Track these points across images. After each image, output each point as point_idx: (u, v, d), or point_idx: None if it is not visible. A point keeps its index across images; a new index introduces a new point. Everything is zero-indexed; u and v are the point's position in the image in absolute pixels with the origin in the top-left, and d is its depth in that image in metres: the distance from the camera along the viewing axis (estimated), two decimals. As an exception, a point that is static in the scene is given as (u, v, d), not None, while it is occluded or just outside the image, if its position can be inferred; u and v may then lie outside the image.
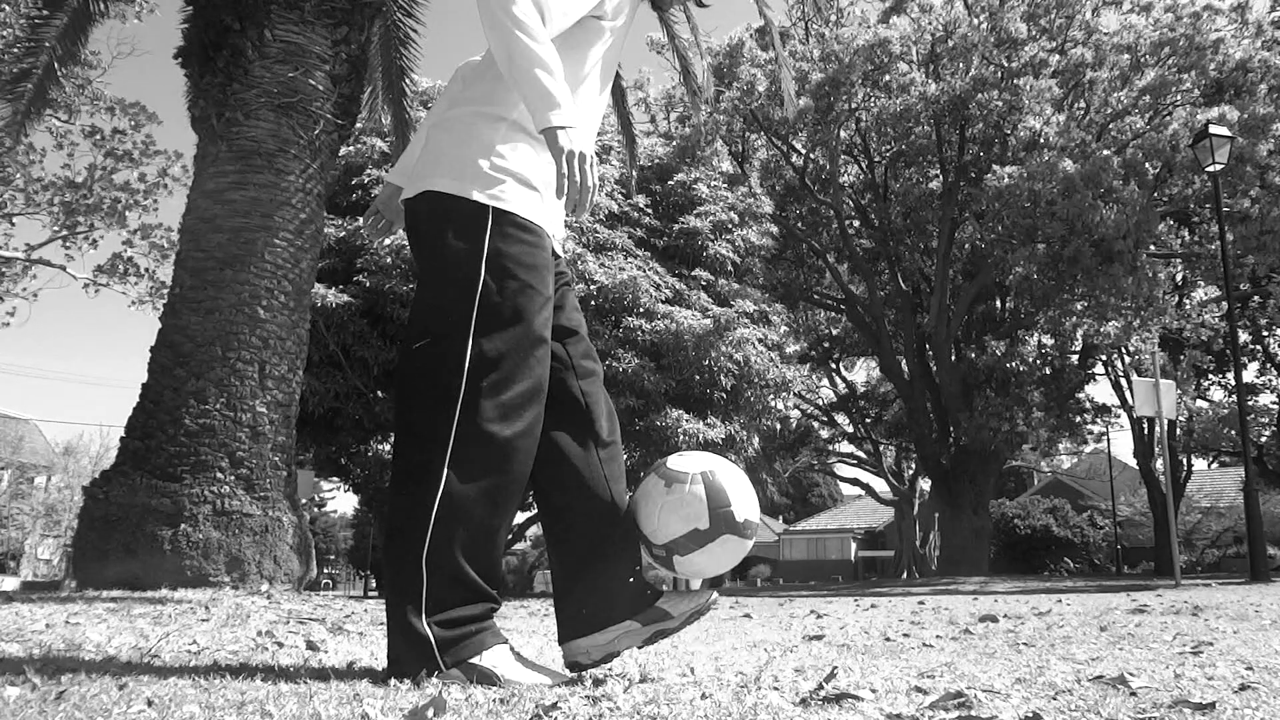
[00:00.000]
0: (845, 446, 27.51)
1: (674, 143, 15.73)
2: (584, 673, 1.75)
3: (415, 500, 1.53)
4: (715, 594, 1.71)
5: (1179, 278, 17.99)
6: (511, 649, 1.64)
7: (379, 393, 12.44)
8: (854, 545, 44.60)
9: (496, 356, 1.56)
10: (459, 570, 1.54)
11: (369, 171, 12.47)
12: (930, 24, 17.48)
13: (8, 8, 12.25)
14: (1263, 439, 21.92)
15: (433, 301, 1.61)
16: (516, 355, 1.58)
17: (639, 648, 1.73)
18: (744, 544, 1.68)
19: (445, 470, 1.52)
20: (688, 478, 1.66)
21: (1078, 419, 20.68)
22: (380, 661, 1.97)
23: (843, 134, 17.93)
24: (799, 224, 19.65)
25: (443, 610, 1.54)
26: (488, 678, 1.54)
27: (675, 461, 1.70)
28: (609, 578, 1.69)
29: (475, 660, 1.56)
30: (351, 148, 13.03)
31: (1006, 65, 16.19)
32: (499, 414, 1.55)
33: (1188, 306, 18.40)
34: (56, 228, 17.66)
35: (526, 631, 3.16)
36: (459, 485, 1.53)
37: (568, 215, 1.57)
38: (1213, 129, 10.66)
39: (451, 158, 1.66)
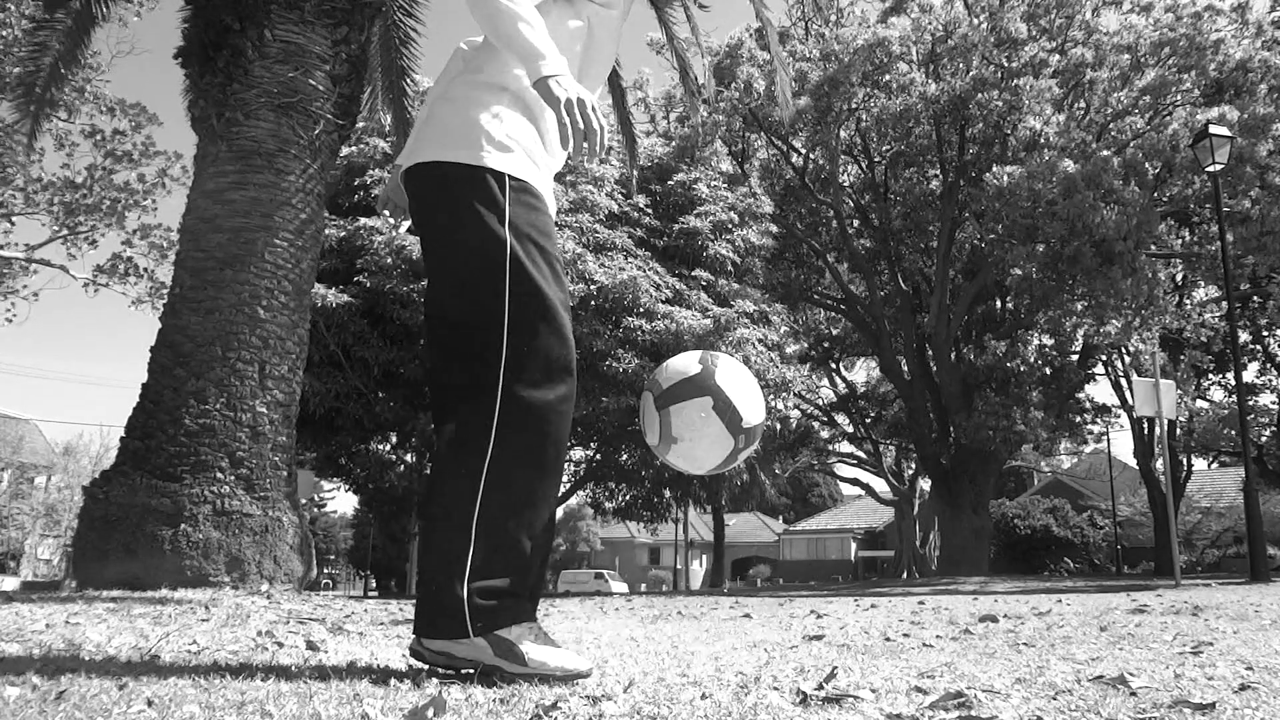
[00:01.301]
0: (845, 446, 27.51)
1: (673, 143, 15.73)
2: (495, 671, 1.69)
3: (466, 468, 1.52)
4: (588, 668, 1.62)
5: (1179, 278, 17.99)
6: (539, 627, 1.62)
7: (379, 393, 12.45)
8: (854, 545, 44.61)
9: (532, 322, 1.57)
10: (505, 538, 1.53)
11: (371, 172, 12.47)
12: (930, 24, 17.47)
13: (11, 7, 12.25)
14: (1263, 439, 21.92)
15: (462, 272, 1.59)
16: (550, 320, 1.59)
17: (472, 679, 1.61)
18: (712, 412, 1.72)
19: (493, 437, 1.51)
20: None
21: (1078, 419, 20.67)
22: (380, 661, 1.97)
23: (842, 134, 17.93)
24: (799, 224, 19.65)
25: (482, 579, 1.52)
26: (511, 652, 1.53)
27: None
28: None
29: (503, 633, 1.54)
30: (354, 148, 13.03)
31: (1006, 65, 16.19)
32: (538, 379, 1.55)
33: (1188, 306, 18.39)
34: (56, 227, 17.67)
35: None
36: (507, 451, 1.52)
37: (583, 160, 1.56)
38: (1213, 129, 10.66)
39: (460, 127, 1.65)
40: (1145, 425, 22.30)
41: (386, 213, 2.03)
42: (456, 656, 1.55)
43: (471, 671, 1.55)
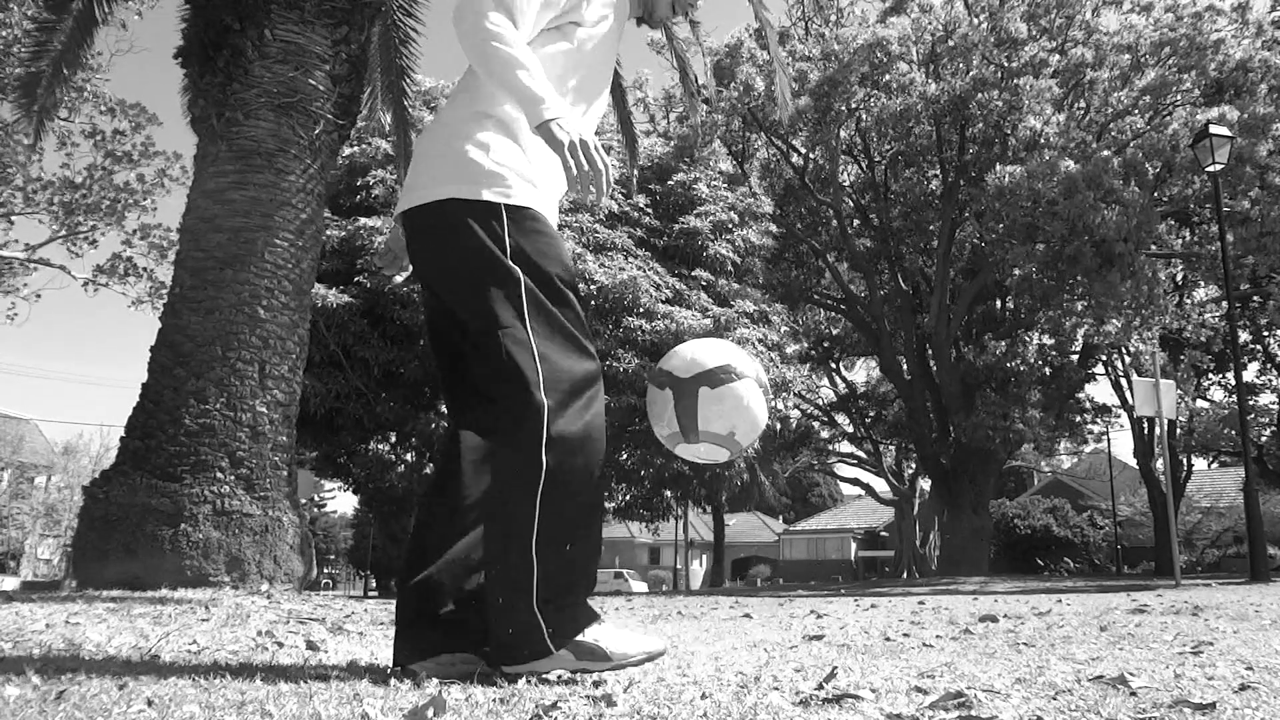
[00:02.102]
0: (845, 446, 27.51)
1: (672, 142, 15.73)
2: (583, 673, 1.75)
3: (520, 496, 1.54)
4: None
5: (1179, 278, 17.99)
6: (607, 620, 1.67)
7: (380, 393, 12.45)
8: (854, 545, 44.61)
9: (560, 347, 1.60)
10: (565, 551, 1.57)
11: (374, 172, 12.48)
12: (930, 24, 17.47)
13: (14, 7, 12.25)
14: (1263, 439, 21.92)
15: (479, 310, 1.61)
16: (570, 340, 1.62)
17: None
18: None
19: (543, 463, 1.54)
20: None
21: (1077, 419, 20.67)
22: (380, 660, 1.97)
23: (842, 134, 17.92)
24: (799, 224, 19.64)
25: (549, 593, 1.56)
26: (593, 652, 1.58)
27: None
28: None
29: (580, 637, 1.58)
30: (356, 148, 13.03)
31: (1006, 65, 16.19)
32: (572, 399, 1.59)
33: (1188, 306, 18.39)
34: (56, 227, 17.68)
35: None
36: (557, 472, 1.55)
37: (590, 201, 1.59)
38: (1213, 129, 10.65)
39: (450, 161, 1.66)
40: (1145, 425, 22.30)
41: (385, 260, 2.01)
42: (538, 672, 1.59)
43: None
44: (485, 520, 1.61)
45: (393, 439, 14.07)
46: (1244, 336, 20.80)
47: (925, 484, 26.35)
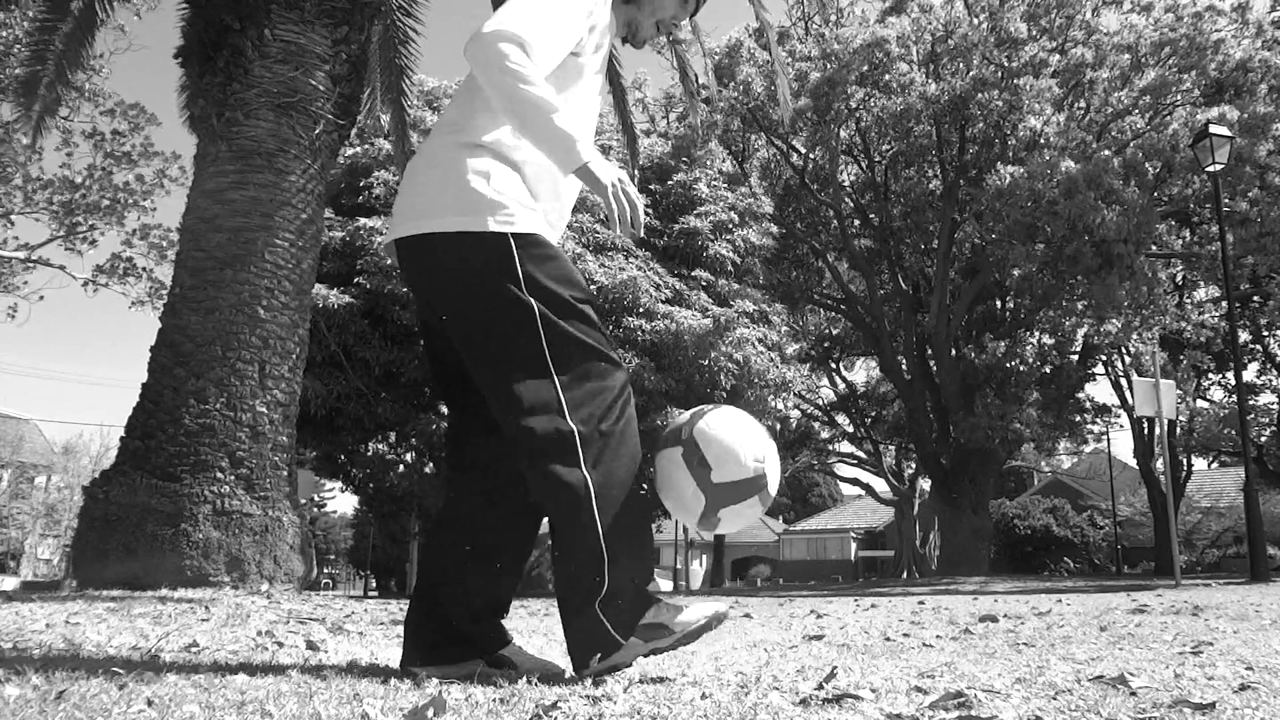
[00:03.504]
0: (845, 446, 27.50)
1: (670, 142, 15.73)
2: (583, 673, 1.76)
3: (575, 516, 1.59)
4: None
5: (1179, 278, 17.98)
6: (665, 598, 1.71)
7: (380, 393, 12.45)
8: (854, 545, 44.59)
9: (581, 368, 1.62)
10: (626, 548, 1.62)
11: (376, 173, 12.48)
12: (930, 24, 17.46)
13: (15, 10, 12.25)
14: (1263, 439, 21.91)
15: (496, 346, 1.63)
16: (593, 353, 1.64)
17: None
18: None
19: (589, 479, 1.59)
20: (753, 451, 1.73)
21: (1077, 419, 20.66)
22: (380, 660, 1.97)
23: (842, 134, 17.92)
24: (799, 224, 19.64)
25: (613, 591, 1.61)
26: (659, 631, 1.63)
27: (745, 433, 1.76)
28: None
29: (644, 622, 1.64)
30: (359, 149, 13.03)
31: (1006, 65, 16.18)
32: (603, 412, 1.62)
33: (1188, 307, 18.39)
34: (55, 226, 17.68)
35: (526, 631, 3.16)
36: (604, 483, 1.60)
37: (629, 235, 1.64)
38: (1213, 129, 10.65)
39: (450, 192, 1.65)
40: (1145, 425, 22.30)
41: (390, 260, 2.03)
42: (619, 665, 1.65)
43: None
44: (555, 540, 1.65)
45: (393, 439, 14.07)
46: (1244, 336, 20.80)
47: (925, 484, 26.34)
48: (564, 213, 1.84)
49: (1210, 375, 22.90)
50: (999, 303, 19.79)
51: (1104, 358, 21.72)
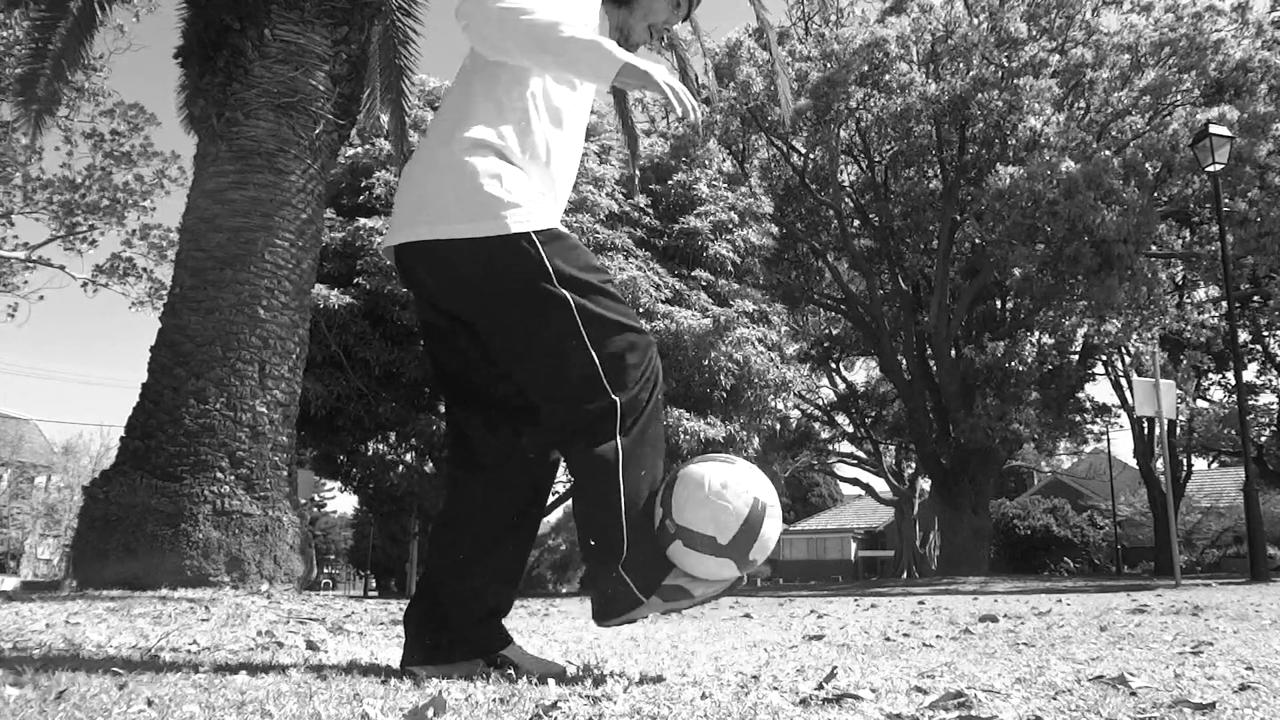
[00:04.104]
0: (845, 446, 27.50)
1: (669, 142, 15.73)
2: (583, 673, 1.76)
3: (605, 483, 1.64)
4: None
5: (1179, 278, 17.98)
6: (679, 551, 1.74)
7: (380, 393, 12.45)
8: (854, 545, 44.59)
9: (615, 343, 1.66)
10: (644, 514, 1.68)
11: (377, 174, 12.48)
12: (930, 24, 17.46)
13: (20, 10, 12.25)
14: (1263, 439, 21.91)
15: (538, 339, 1.65)
16: (621, 326, 1.68)
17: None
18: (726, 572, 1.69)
19: (620, 456, 1.63)
20: (743, 491, 1.68)
21: (1077, 418, 20.66)
22: (381, 660, 1.97)
23: (842, 134, 17.92)
24: (799, 224, 19.64)
25: (635, 553, 1.65)
26: (679, 591, 1.68)
27: (742, 473, 1.72)
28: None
29: (666, 582, 1.67)
30: (359, 149, 13.03)
31: (1006, 65, 16.18)
32: (636, 390, 1.67)
33: (1188, 306, 18.39)
34: (55, 226, 17.68)
35: (526, 631, 3.16)
36: (633, 457, 1.65)
37: (689, 121, 1.68)
38: (1213, 129, 10.65)
39: (464, 196, 1.66)
40: (1145, 425, 22.29)
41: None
42: (637, 619, 1.70)
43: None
44: (577, 506, 1.70)
45: (393, 439, 14.08)
46: (1244, 336, 20.80)
47: (925, 484, 26.34)
48: (562, 203, 1.85)
49: (1210, 375, 22.90)
50: (999, 303, 19.79)
51: (1104, 358, 21.72)
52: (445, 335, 1.80)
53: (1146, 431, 22.57)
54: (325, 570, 48.84)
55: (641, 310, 11.79)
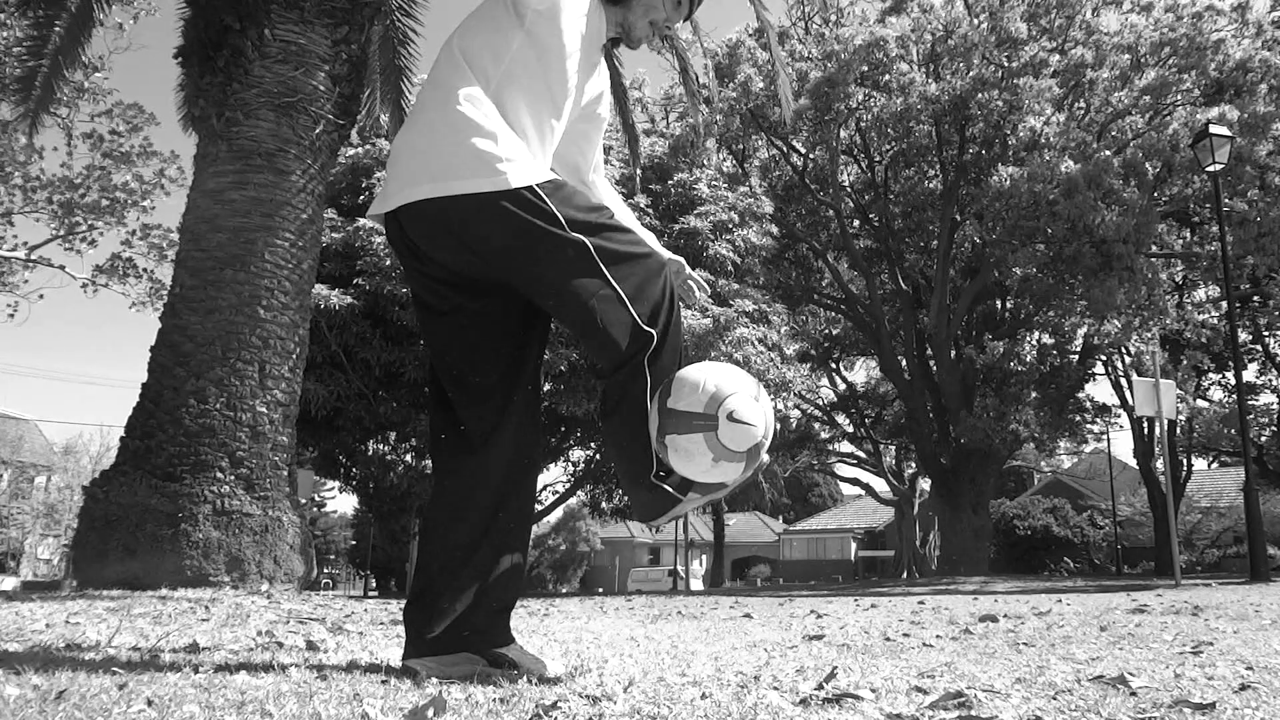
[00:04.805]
0: (845, 446, 27.48)
1: (667, 141, 15.73)
2: (584, 673, 1.76)
3: (636, 404, 1.72)
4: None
5: (1179, 278, 17.98)
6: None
7: (380, 393, 12.45)
8: (854, 545, 44.59)
9: (637, 275, 1.73)
10: None
11: (376, 173, 12.47)
12: (930, 24, 17.46)
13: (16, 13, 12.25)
14: (1263, 439, 21.91)
15: (563, 283, 1.70)
16: (637, 258, 1.74)
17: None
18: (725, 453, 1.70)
19: (648, 374, 1.71)
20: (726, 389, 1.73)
21: (1077, 418, 20.66)
22: (381, 660, 1.97)
23: (843, 134, 17.92)
24: (799, 224, 19.64)
25: (662, 464, 1.75)
26: (715, 488, 1.77)
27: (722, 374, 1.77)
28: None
29: (699, 480, 1.75)
30: (359, 149, 13.02)
31: (1007, 65, 16.18)
32: (661, 309, 1.74)
33: (1188, 306, 18.40)
34: (55, 225, 17.67)
35: (526, 631, 3.16)
36: (656, 374, 1.73)
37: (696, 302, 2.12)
38: (1213, 129, 10.65)
39: (466, 154, 1.68)
40: (1145, 425, 22.30)
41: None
42: (681, 514, 1.81)
43: None
44: (607, 425, 1.78)
45: (393, 439, 14.08)
46: (1244, 336, 20.79)
47: (925, 484, 26.33)
48: (548, 163, 1.90)
49: (1210, 375, 22.90)
50: (999, 303, 19.79)
51: (1104, 358, 21.72)
52: (443, 315, 1.82)
53: (1146, 431, 22.57)
54: (325, 570, 48.85)
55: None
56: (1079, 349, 19.11)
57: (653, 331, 1.70)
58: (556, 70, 1.81)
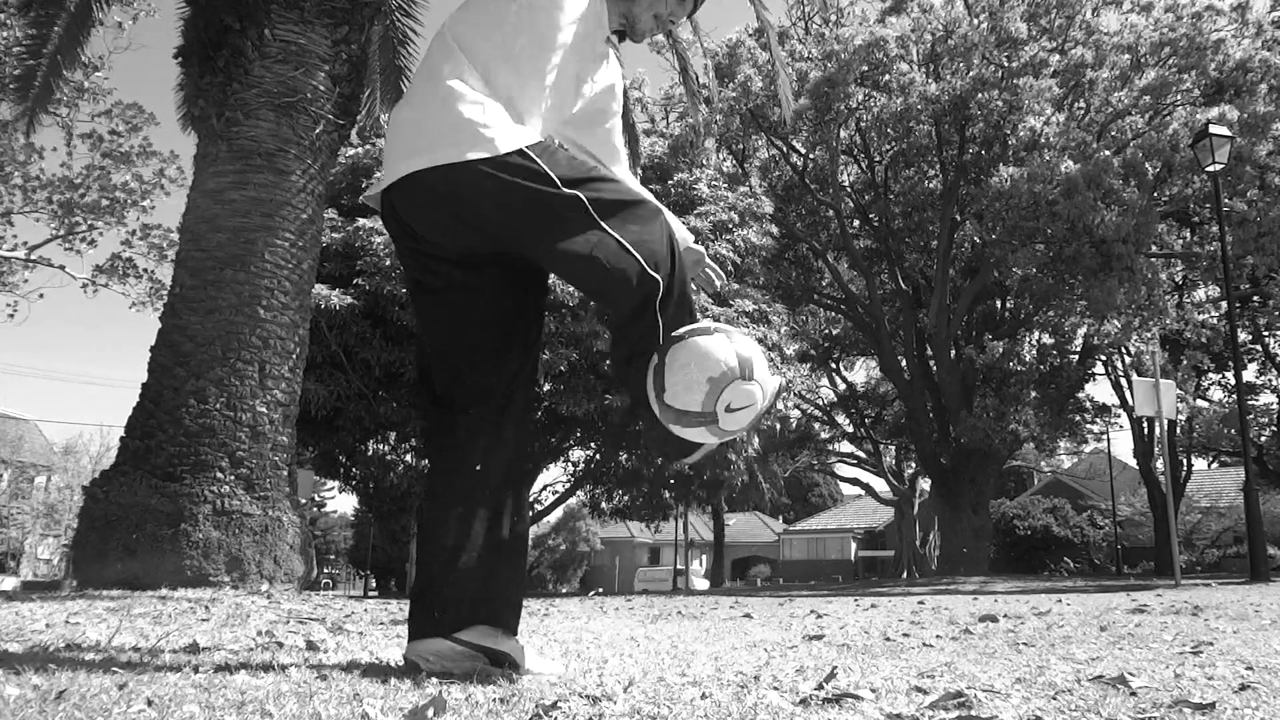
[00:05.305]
0: (845, 446, 27.49)
1: (666, 141, 15.72)
2: (583, 672, 1.76)
3: (648, 355, 1.75)
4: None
5: (1179, 278, 17.99)
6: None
7: (381, 393, 12.45)
8: (854, 545, 44.60)
9: (634, 220, 1.73)
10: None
11: (377, 174, 12.47)
12: (930, 24, 17.46)
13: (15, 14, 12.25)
14: (1263, 439, 21.91)
15: (564, 238, 1.70)
16: (632, 204, 1.75)
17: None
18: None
19: (659, 321, 1.73)
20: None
21: (1077, 418, 20.67)
22: (381, 660, 1.97)
23: (843, 134, 17.92)
24: (799, 224, 19.64)
25: None
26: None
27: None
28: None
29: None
30: (359, 149, 13.02)
31: (1007, 65, 16.19)
32: (663, 250, 1.75)
33: (1188, 306, 18.40)
34: (55, 225, 17.67)
35: (526, 631, 3.16)
36: (670, 325, 1.75)
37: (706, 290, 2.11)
38: (1213, 129, 10.65)
39: (456, 124, 1.69)
40: (1145, 425, 22.30)
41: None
42: (708, 450, 1.86)
43: None
44: (623, 372, 1.81)
45: (393, 439, 14.07)
46: (1244, 336, 20.80)
47: (925, 484, 26.33)
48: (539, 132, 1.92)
49: (1210, 375, 22.90)
50: (999, 303, 19.79)
51: (1104, 358, 21.72)
52: (435, 292, 1.82)
53: (1146, 431, 22.57)
54: (325, 570, 48.85)
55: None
56: (1079, 349, 19.11)
57: (658, 277, 1.71)
58: (550, 42, 1.80)
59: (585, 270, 1.71)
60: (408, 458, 14.34)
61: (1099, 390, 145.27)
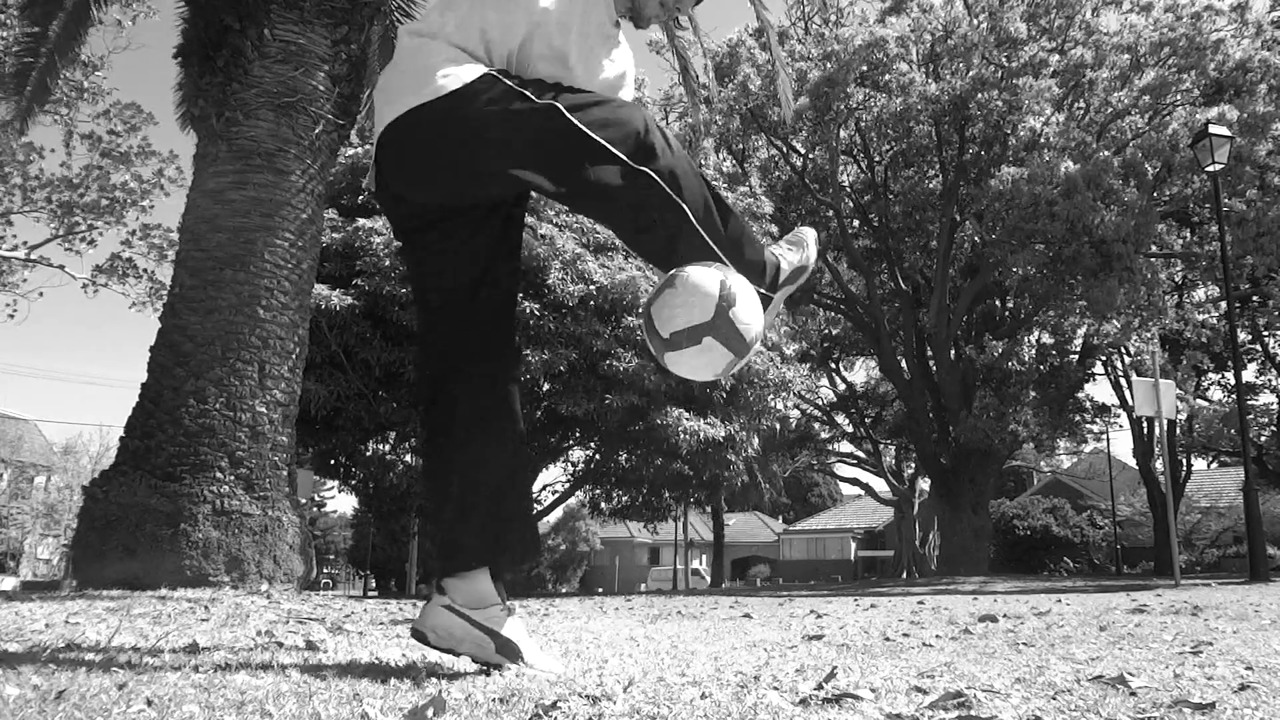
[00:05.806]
0: (845, 446, 27.49)
1: None
2: (583, 672, 1.76)
3: (691, 233, 1.73)
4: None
5: (1179, 278, 17.99)
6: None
7: (381, 393, 12.44)
8: (854, 545, 44.61)
9: (621, 124, 1.71)
10: (733, 243, 1.81)
11: None
12: (930, 24, 17.47)
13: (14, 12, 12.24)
14: (1262, 439, 21.92)
15: (552, 151, 1.69)
16: (615, 108, 1.73)
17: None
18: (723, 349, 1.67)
19: (684, 205, 1.72)
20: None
21: (1077, 418, 20.67)
22: (381, 661, 1.97)
23: (842, 134, 17.92)
24: (799, 224, 19.63)
25: (741, 265, 1.79)
26: (798, 273, 1.94)
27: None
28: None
29: (780, 281, 1.91)
30: (359, 149, 13.01)
31: (1006, 65, 16.19)
32: (659, 148, 1.73)
33: (1188, 306, 18.41)
34: (54, 225, 17.67)
35: (526, 632, 3.15)
36: (690, 201, 1.74)
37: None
38: (1212, 129, 10.65)
39: (428, 68, 1.70)
40: (1145, 425, 22.31)
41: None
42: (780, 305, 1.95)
43: None
44: (648, 254, 1.83)
45: (393, 439, 14.07)
46: (1243, 336, 20.80)
47: (925, 484, 26.33)
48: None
49: (1210, 375, 22.91)
50: (999, 303, 19.80)
51: (1104, 358, 21.73)
52: (422, 235, 1.82)
53: (1146, 431, 22.58)
54: (325, 570, 48.86)
55: (641, 310, 11.79)
56: (1079, 349, 19.11)
57: (647, 170, 1.68)
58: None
59: (581, 179, 1.70)
60: (407, 458, 14.33)
61: (1099, 390, 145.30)
